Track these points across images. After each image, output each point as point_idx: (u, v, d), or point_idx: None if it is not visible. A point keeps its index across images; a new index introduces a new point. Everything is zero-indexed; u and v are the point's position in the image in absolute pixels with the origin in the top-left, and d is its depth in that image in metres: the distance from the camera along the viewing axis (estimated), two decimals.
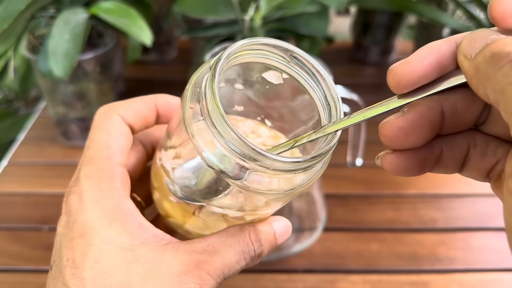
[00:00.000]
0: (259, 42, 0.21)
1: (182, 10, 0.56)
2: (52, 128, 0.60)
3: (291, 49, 0.21)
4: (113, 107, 0.24)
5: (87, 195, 0.22)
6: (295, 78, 0.22)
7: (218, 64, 0.19)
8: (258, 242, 0.22)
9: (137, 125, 0.25)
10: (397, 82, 0.17)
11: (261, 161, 0.18)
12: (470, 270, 0.43)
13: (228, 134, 0.18)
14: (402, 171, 0.18)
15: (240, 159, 0.18)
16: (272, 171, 0.18)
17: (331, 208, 0.49)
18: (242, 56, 0.21)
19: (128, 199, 0.22)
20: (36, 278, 0.42)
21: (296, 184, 0.20)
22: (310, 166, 0.19)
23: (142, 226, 0.22)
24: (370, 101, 0.73)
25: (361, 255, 0.44)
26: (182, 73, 0.72)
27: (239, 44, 0.20)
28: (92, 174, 0.22)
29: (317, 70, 0.21)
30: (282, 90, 0.23)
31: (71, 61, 0.47)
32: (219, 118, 0.18)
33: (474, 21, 0.55)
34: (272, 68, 0.22)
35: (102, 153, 0.23)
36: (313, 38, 0.59)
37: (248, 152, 0.18)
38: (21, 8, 0.43)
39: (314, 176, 0.21)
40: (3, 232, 0.46)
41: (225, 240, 0.22)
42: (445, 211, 0.50)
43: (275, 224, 0.23)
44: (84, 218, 0.21)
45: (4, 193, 0.52)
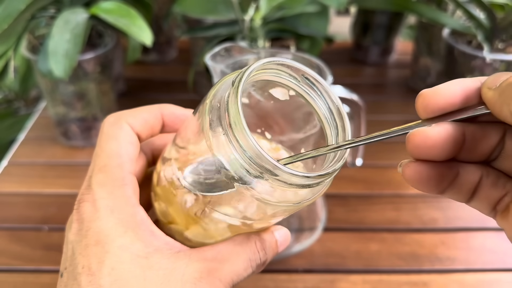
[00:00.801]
0: (276, 62, 0.22)
1: (182, 10, 0.56)
2: (52, 128, 0.60)
3: (303, 70, 0.23)
4: (121, 116, 0.25)
5: (101, 203, 0.22)
6: (304, 97, 0.23)
7: (241, 80, 0.20)
8: (264, 251, 0.23)
9: (144, 134, 0.26)
10: (426, 105, 0.18)
11: (280, 176, 0.19)
12: (470, 270, 0.43)
13: (250, 149, 0.19)
14: (422, 181, 0.19)
15: (258, 172, 0.19)
16: (288, 185, 0.19)
17: (331, 208, 0.49)
18: (258, 74, 0.22)
19: (140, 207, 0.23)
20: (37, 278, 0.42)
21: (305, 197, 0.21)
22: (322, 181, 0.20)
23: (154, 234, 0.22)
24: (369, 101, 0.73)
25: (361, 255, 0.44)
26: (182, 73, 0.72)
27: (260, 63, 0.21)
28: (104, 182, 0.23)
29: (326, 90, 0.23)
30: (287, 105, 0.24)
31: (71, 61, 0.47)
32: (242, 133, 0.19)
33: (474, 21, 0.55)
34: (281, 86, 0.23)
35: (113, 162, 0.23)
36: (313, 38, 0.59)
37: (268, 167, 0.19)
38: (21, 8, 0.43)
39: (322, 190, 0.22)
40: (3, 232, 0.46)
41: (234, 248, 0.23)
42: (445, 211, 0.50)
43: (277, 233, 0.24)
44: (99, 226, 0.21)
45: (5, 193, 0.52)
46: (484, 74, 0.54)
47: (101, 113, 0.57)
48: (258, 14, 0.52)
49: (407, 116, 0.66)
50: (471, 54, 0.54)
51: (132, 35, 0.49)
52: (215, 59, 0.37)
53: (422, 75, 0.71)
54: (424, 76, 0.71)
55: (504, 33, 0.53)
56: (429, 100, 0.18)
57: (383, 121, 0.65)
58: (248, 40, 0.53)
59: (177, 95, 0.69)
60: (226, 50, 0.38)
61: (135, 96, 0.70)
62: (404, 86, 0.74)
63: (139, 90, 0.71)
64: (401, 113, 0.67)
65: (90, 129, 0.57)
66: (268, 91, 0.25)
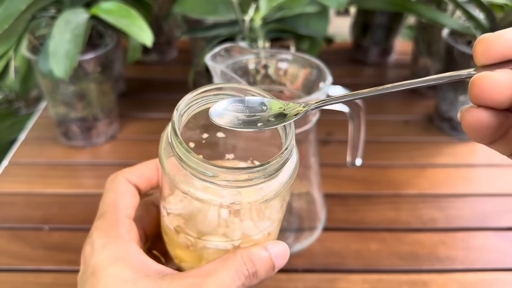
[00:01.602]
0: (213, 87, 0.24)
1: (182, 11, 0.56)
2: (53, 128, 0.60)
3: (247, 88, 0.25)
4: (120, 172, 0.28)
5: (96, 242, 0.25)
6: None
7: (175, 115, 0.23)
8: (251, 262, 0.24)
9: (142, 185, 0.29)
10: (486, 51, 0.18)
11: (221, 175, 0.21)
12: (470, 269, 0.43)
13: (192, 161, 0.21)
14: (481, 129, 0.18)
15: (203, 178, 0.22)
16: (238, 182, 0.21)
17: (330, 207, 0.49)
18: (201, 103, 0.24)
19: (133, 243, 0.25)
20: (37, 278, 0.42)
21: (265, 194, 0.23)
22: (267, 175, 0.22)
23: (146, 263, 0.24)
24: (369, 101, 0.73)
25: (360, 255, 0.44)
26: (182, 74, 0.72)
27: (190, 95, 0.24)
28: (101, 226, 0.26)
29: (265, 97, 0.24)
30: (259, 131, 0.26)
31: (71, 61, 0.47)
32: (183, 152, 0.21)
33: (473, 22, 0.55)
34: None
35: (110, 209, 0.26)
36: (312, 38, 0.59)
37: (211, 171, 0.21)
38: (21, 8, 0.44)
39: (284, 187, 0.23)
40: (4, 232, 0.47)
41: (219, 263, 0.24)
42: (445, 210, 0.50)
43: (270, 247, 0.25)
44: (94, 261, 0.24)
45: (5, 193, 0.52)
46: None
47: (101, 113, 0.57)
48: (258, 14, 0.53)
49: (407, 116, 0.66)
50: (470, 54, 0.54)
51: (133, 36, 0.49)
52: (215, 59, 0.37)
53: (421, 75, 0.71)
54: (423, 76, 0.71)
55: None
56: (491, 45, 0.17)
57: (383, 121, 0.65)
58: (248, 41, 0.53)
59: (177, 95, 0.69)
60: (226, 50, 0.38)
61: (136, 96, 0.70)
62: None
63: (140, 90, 0.71)
64: (401, 113, 0.67)
65: (91, 129, 0.58)
66: None
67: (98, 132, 0.58)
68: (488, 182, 0.54)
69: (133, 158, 0.57)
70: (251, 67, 0.40)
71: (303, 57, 0.39)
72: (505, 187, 0.53)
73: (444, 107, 0.61)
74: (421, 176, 0.55)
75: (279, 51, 0.40)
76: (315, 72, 0.38)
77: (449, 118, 0.61)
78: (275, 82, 0.40)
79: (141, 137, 0.61)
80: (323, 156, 0.56)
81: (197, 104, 0.24)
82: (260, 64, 0.40)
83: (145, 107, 0.67)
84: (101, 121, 0.58)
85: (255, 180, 0.21)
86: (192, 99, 0.24)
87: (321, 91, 0.36)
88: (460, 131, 0.61)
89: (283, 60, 0.40)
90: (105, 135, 0.59)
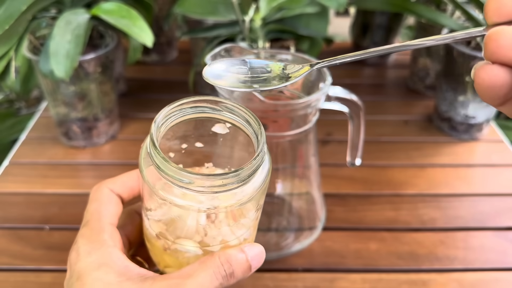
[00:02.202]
0: (189, 100, 0.25)
1: (183, 11, 0.56)
2: (54, 128, 0.60)
3: (221, 100, 0.26)
4: (103, 183, 0.30)
5: (81, 249, 0.26)
6: (232, 123, 0.27)
7: (153, 127, 0.24)
8: (228, 263, 0.25)
9: (125, 195, 0.30)
10: (499, 7, 0.17)
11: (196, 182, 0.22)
12: (469, 269, 0.43)
13: (170, 169, 0.22)
14: (495, 86, 0.18)
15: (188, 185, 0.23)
16: (214, 188, 0.23)
17: (330, 207, 0.49)
18: (178, 115, 0.25)
19: (116, 248, 0.26)
20: (37, 277, 0.42)
21: (240, 199, 0.24)
22: (241, 180, 0.23)
23: (128, 267, 0.26)
24: (369, 102, 0.73)
25: (360, 254, 0.44)
26: (183, 74, 0.72)
27: (167, 108, 0.25)
28: (85, 233, 0.27)
29: (245, 112, 0.26)
30: (231, 138, 0.28)
31: (72, 61, 0.47)
32: (160, 161, 0.23)
33: (472, 22, 0.55)
34: (218, 121, 0.27)
35: (94, 217, 0.28)
36: (312, 39, 0.59)
37: (188, 178, 0.22)
38: (22, 9, 0.44)
39: (257, 191, 0.24)
40: (4, 231, 0.47)
41: (198, 265, 0.25)
42: (444, 210, 0.50)
43: (246, 249, 0.26)
44: (80, 266, 0.25)
45: (6, 193, 0.52)
46: None
47: (102, 113, 0.57)
48: (258, 15, 0.53)
49: (407, 116, 0.67)
50: (470, 54, 0.54)
51: (133, 36, 0.49)
52: (216, 60, 0.37)
53: (421, 76, 0.71)
54: (423, 77, 0.71)
55: None
56: (504, 2, 0.17)
57: (383, 121, 0.65)
58: (248, 41, 0.53)
59: (178, 96, 0.69)
60: (226, 50, 0.38)
61: (136, 96, 0.70)
62: (403, 86, 0.74)
63: (140, 91, 0.72)
64: (400, 114, 0.67)
65: (91, 129, 0.58)
66: (211, 131, 0.28)
67: (98, 132, 0.58)
68: (487, 182, 0.54)
69: (133, 158, 0.57)
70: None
71: (303, 58, 0.39)
72: (504, 187, 0.53)
73: (443, 107, 0.61)
74: (420, 176, 0.55)
75: (279, 52, 0.40)
76: (314, 73, 0.38)
77: (448, 118, 0.61)
78: None
79: (141, 137, 0.61)
80: (323, 156, 0.56)
81: (174, 116, 0.26)
82: None
83: (146, 107, 0.67)
84: (102, 121, 0.58)
85: (230, 185, 0.23)
86: (169, 111, 0.25)
87: (321, 91, 0.36)
88: (459, 131, 0.61)
89: (283, 60, 0.40)
90: (106, 135, 0.59)
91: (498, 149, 0.60)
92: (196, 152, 0.30)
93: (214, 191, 0.23)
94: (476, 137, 0.61)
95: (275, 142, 0.41)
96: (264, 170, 0.25)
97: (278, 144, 0.41)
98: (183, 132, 0.28)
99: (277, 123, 0.37)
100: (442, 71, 0.60)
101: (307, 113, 0.37)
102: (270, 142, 0.41)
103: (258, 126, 0.25)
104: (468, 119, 0.60)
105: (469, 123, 0.60)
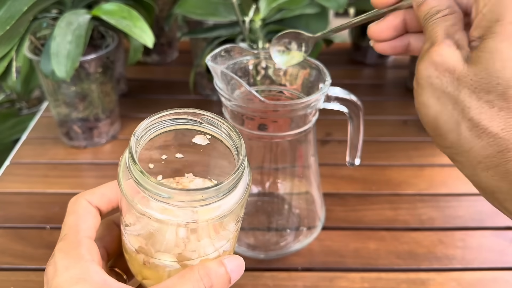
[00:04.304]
0: (169, 113, 0.26)
1: (183, 12, 0.56)
2: (55, 129, 0.60)
3: (202, 113, 0.26)
4: (81, 195, 0.29)
5: (59, 263, 0.26)
6: (212, 135, 0.27)
7: (132, 140, 0.24)
8: (207, 277, 0.25)
9: (104, 207, 0.30)
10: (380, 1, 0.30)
11: (175, 196, 0.22)
12: (468, 268, 0.44)
13: (148, 183, 0.22)
14: (388, 51, 0.30)
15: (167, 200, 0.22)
16: (194, 202, 0.22)
17: (330, 207, 0.50)
18: (158, 127, 0.26)
19: (93, 263, 0.26)
20: (38, 276, 0.42)
21: (220, 213, 0.24)
22: (221, 194, 0.23)
23: (107, 282, 0.25)
24: (368, 102, 0.73)
25: (359, 254, 0.45)
26: (183, 74, 0.73)
27: (147, 121, 0.25)
28: (63, 247, 0.27)
29: (226, 125, 0.26)
30: (212, 148, 0.28)
31: (73, 62, 0.47)
32: (139, 175, 0.22)
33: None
34: (198, 132, 0.27)
35: (71, 231, 0.27)
36: None
37: (167, 193, 0.22)
38: (23, 9, 0.44)
39: (237, 204, 0.24)
40: (6, 231, 0.47)
41: (177, 279, 0.25)
42: (443, 210, 0.50)
43: (226, 261, 0.26)
44: (57, 282, 0.25)
45: (7, 192, 0.52)
46: None
47: (103, 113, 0.58)
48: (258, 15, 0.53)
49: (406, 116, 0.67)
50: None
51: (134, 37, 0.49)
52: (216, 60, 0.37)
53: None
54: None
55: None
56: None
57: (382, 121, 0.66)
58: (248, 41, 0.54)
59: (178, 96, 0.70)
60: (227, 51, 0.38)
61: (137, 96, 0.70)
62: (402, 86, 0.74)
63: (140, 91, 0.72)
64: (400, 114, 0.67)
65: (92, 129, 0.58)
66: (191, 142, 0.28)
67: (99, 132, 0.59)
68: None
69: None
70: (251, 68, 0.40)
71: None
72: None
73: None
74: (419, 176, 0.55)
75: None
76: (314, 73, 0.38)
77: None
78: (275, 82, 0.41)
79: None
80: (323, 156, 0.56)
81: (154, 128, 0.26)
82: (260, 64, 0.40)
83: (146, 107, 0.67)
84: (103, 121, 0.58)
85: (210, 199, 0.23)
86: (149, 124, 0.25)
87: (321, 91, 0.36)
88: None
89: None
90: (106, 135, 0.60)
91: None
92: (176, 162, 0.29)
93: (194, 205, 0.23)
94: None
95: (275, 142, 0.41)
96: (244, 183, 0.25)
97: (278, 144, 0.42)
98: (163, 142, 0.28)
99: (277, 123, 0.37)
100: None
101: (306, 113, 0.37)
102: (270, 142, 0.41)
103: (238, 139, 0.25)
104: None
105: None
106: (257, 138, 0.38)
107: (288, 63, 0.36)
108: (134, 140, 0.24)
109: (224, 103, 0.37)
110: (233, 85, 0.37)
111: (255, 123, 0.37)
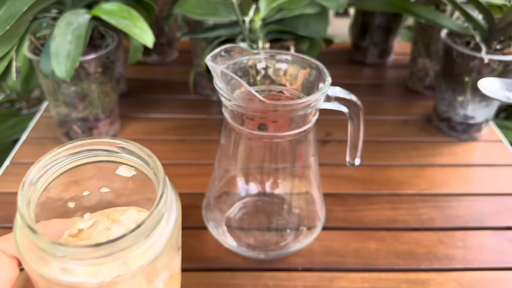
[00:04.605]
0: (70, 147, 0.24)
1: (183, 12, 0.56)
2: (54, 129, 0.60)
3: (117, 142, 0.24)
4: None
5: None
6: (130, 165, 0.24)
7: (20, 193, 0.21)
8: None
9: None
10: None
11: (72, 254, 0.19)
12: (468, 268, 0.44)
13: (41, 242, 0.20)
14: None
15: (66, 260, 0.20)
16: (92, 260, 0.19)
17: (330, 207, 0.49)
18: (65, 163, 0.24)
19: None
20: None
21: (151, 256, 0.21)
22: (143, 237, 0.20)
23: None
24: (368, 102, 0.74)
25: (359, 254, 0.45)
26: (183, 74, 0.73)
27: (38, 165, 0.23)
28: None
29: (147, 154, 0.23)
30: (141, 178, 0.25)
31: (73, 62, 0.47)
32: (28, 233, 0.20)
33: (472, 23, 0.55)
34: (123, 163, 0.24)
35: None
36: (312, 39, 0.60)
37: (62, 252, 0.19)
38: (23, 9, 0.44)
39: (169, 240, 0.21)
40: (5, 231, 0.47)
41: None
42: (443, 210, 0.50)
43: None
44: None
45: (7, 192, 0.52)
46: (482, 75, 0.54)
47: (102, 113, 0.58)
48: (258, 15, 0.53)
49: (406, 116, 0.67)
50: (469, 54, 0.55)
51: (134, 37, 0.49)
52: (216, 60, 0.37)
53: (420, 76, 0.72)
54: (422, 77, 0.71)
55: (501, 34, 0.54)
56: None
57: (382, 121, 0.66)
58: (248, 41, 0.54)
59: (178, 96, 0.70)
60: (227, 51, 0.38)
61: (137, 96, 0.70)
62: (403, 86, 0.74)
63: (141, 91, 0.72)
64: (400, 114, 0.67)
65: (92, 129, 0.58)
66: (115, 173, 0.25)
67: (99, 132, 0.59)
68: (486, 182, 0.55)
69: None
70: (251, 68, 0.40)
71: (302, 58, 0.39)
72: (503, 187, 0.54)
73: (442, 107, 0.62)
74: (419, 176, 0.55)
75: (278, 52, 0.40)
76: (314, 73, 0.38)
77: (447, 118, 0.61)
78: (274, 82, 0.41)
79: (142, 137, 0.61)
80: (323, 156, 0.56)
81: (58, 165, 0.24)
82: (260, 64, 0.40)
83: (146, 107, 0.67)
84: (102, 121, 0.58)
85: (117, 254, 0.19)
86: (44, 164, 0.23)
87: (321, 91, 0.36)
88: (458, 131, 0.61)
89: (282, 60, 0.40)
90: (106, 135, 0.60)
91: (497, 149, 0.60)
92: (103, 195, 0.27)
93: (96, 263, 0.20)
94: (475, 137, 0.62)
95: (275, 142, 0.41)
96: (170, 222, 0.22)
97: (278, 144, 0.42)
98: (83, 175, 0.25)
99: (277, 123, 0.37)
100: (441, 71, 0.61)
101: (306, 113, 0.37)
102: (270, 142, 0.41)
103: (156, 168, 0.22)
104: (467, 119, 0.60)
105: (468, 123, 0.60)
106: (257, 138, 0.38)
107: None
108: (23, 192, 0.21)
109: (224, 103, 0.37)
110: (233, 85, 0.37)
111: (255, 123, 0.37)
